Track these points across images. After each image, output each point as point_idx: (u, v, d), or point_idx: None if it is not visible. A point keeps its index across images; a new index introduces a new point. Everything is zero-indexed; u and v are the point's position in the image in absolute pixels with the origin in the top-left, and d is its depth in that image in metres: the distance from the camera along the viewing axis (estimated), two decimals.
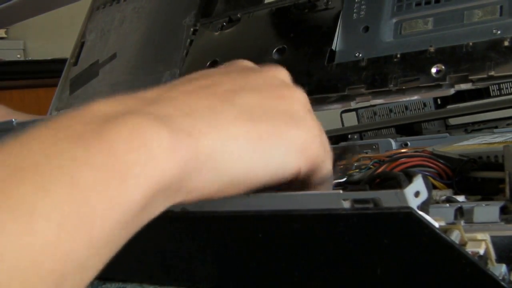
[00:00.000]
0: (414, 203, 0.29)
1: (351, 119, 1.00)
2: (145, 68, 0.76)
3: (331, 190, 0.32)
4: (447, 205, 0.37)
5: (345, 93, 0.52)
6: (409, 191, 0.29)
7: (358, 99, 0.52)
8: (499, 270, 0.29)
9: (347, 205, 0.30)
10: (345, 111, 1.00)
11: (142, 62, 0.78)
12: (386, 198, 0.29)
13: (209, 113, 0.26)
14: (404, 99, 0.50)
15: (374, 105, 0.90)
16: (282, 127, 0.28)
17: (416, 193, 0.29)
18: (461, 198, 0.39)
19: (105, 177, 0.20)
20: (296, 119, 0.29)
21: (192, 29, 0.72)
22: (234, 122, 0.27)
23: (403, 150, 0.53)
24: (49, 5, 1.07)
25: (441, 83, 0.47)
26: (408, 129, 0.80)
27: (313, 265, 0.31)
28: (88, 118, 0.22)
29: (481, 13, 0.48)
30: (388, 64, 0.51)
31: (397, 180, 0.31)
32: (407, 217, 0.28)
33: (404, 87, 0.49)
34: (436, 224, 0.28)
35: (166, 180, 0.23)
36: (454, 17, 0.50)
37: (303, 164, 0.29)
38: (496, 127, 0.72)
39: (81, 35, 0.89)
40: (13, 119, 0.35)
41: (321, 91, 0.54)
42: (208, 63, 0.66)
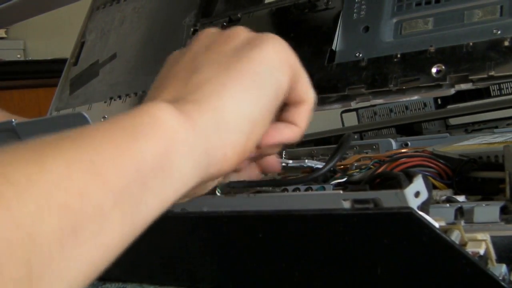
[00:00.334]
0: (414, 203, 0.29)
1: (351, 119, 1.00)
2: (145, 68, 0.76)
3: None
4: (447, 205, 0.37)
5: (345, 93, 0.52)
6: (409, 191, 0.29)
7: (358, 99, 0.52)
8: (499, 270, 0.28)
9: (347, 205, 0.30)
10: (345, 111, 1.00)
11: (142, 62, 0.78)
12: (386, 198, 0.29)
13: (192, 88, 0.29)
14: (404, 99, 0.50)
15: (374, 105, 0.91)
16: (252, 58, 0.30)
17: (416, 193, 0.29)
18: (461, 198, 0.39)
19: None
20: (252, 45, 0.31)
21: (192, 29, 0.72)
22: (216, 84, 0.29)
23: (403, 150, 0.52)
24: (49, 5, 1.07)
25: (441, 83, 0.47)
26: (408, 129, 0.80)
27: (313, 265, 0.31)
28: None
29: (481, 13, 0.48)
30: (388, 64, 0.51)
31: (397, 180, 0.31)
32: (407, 217, 0.28)
33: (404, 87, 0.49)
34: (436, 224, 0.28)
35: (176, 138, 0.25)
36: (454, 17, 0.50)
37: (287, 71, 0.31)
38: (497, 127, 0.72)
39: (81, 35, 0.89)
40: (13, 120, 0.35)
41: (321, 91, 0.54)
42: None
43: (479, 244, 0.29)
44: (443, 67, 0.47)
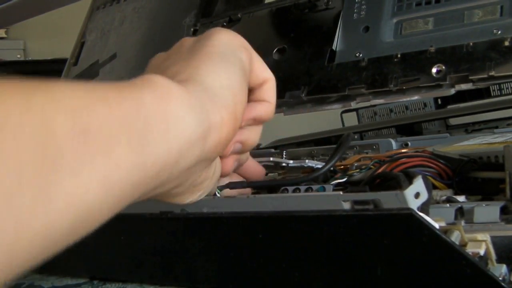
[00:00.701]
0: (414, 204, 0.29)
1: (351, 119, 1.00)
2: (145, 68, 0.76)
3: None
4: (448, 205, 0.37)
5: (346, 93, 0.52)
6: (409, 192, 0.29)
7: (359, 99, 0.52)
8: (500, 270, 0.28)
9: (347, 206, 0.30)
10: (345, 111, 1.00)
11: (142, 62, 0.78)
12: (386, 199, 0.29)
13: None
14: (405, 99, 0.50)
15: (375, 105, 0.91)
16: (212, 44, 0.33)
17: (416, 194, 0.29)
18: (461, 198, 0.39)
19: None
20: (207, 37, 0.34)
21: (192, 29, 0.72)
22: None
23: (403, 150, 0.52)
24: (49, 5, 1.07)
25: (441, 83, 0.47)
26: (408, 129, 0.81)
27: (314, 267, 0.31)
28: None
29: (481, 13, 0.48)
30: (389, 64, 0.51)
31: (397, 180, 0.31)
32: (407, 218, 0.28)
33: (404, 87, 0.49)
34: (436, 225, 0.28)
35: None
36: (455, 17, 0.50)
37: (244, 52, 0.34)
38: (497, 127, 0.72)
39: (81, 35, 0.89)
40: None
41: (321, 91, 0.54)
42: None
43: (479, 244, 0.29)
44: (443, 67, 0.47)
